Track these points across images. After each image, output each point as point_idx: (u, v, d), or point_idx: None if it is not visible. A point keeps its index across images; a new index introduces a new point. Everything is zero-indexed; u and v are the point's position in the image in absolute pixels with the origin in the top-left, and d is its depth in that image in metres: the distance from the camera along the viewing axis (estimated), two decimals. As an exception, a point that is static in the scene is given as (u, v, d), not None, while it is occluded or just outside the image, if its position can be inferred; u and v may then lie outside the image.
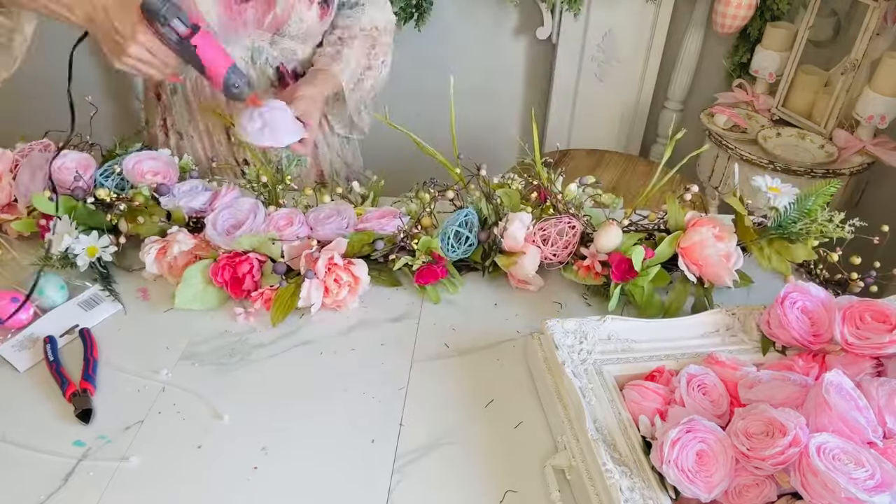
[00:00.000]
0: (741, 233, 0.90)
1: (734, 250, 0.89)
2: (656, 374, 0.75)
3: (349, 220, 0.98)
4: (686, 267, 0.88)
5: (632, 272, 0.87)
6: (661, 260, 0.90)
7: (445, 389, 0.80)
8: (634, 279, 0.88)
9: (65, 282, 0.91)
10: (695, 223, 0.90)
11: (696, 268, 0.88)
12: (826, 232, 0.86)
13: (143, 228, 0.95)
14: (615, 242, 0.90)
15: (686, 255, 0.89)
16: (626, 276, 0.87)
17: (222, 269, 0.88)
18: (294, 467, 0.70)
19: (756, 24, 1.94)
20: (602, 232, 0.90)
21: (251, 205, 0.97)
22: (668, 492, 0.62)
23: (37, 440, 0.72)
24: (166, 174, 1.02)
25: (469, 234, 0.94)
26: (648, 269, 0.88)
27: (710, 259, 0.86)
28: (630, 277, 0.87)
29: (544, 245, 0.92)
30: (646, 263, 0.88)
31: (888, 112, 1.64)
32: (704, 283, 0.89)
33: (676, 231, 0.90)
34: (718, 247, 0.87)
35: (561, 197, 0.96)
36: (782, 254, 0.88)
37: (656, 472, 0.63)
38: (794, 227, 0.86)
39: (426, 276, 0.92)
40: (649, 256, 0.88)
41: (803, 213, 0.86)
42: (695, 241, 0.88)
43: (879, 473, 0.57)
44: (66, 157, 1.00)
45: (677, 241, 0.89)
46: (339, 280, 0.88)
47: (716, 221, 0.90)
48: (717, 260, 0.86)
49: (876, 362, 0.74)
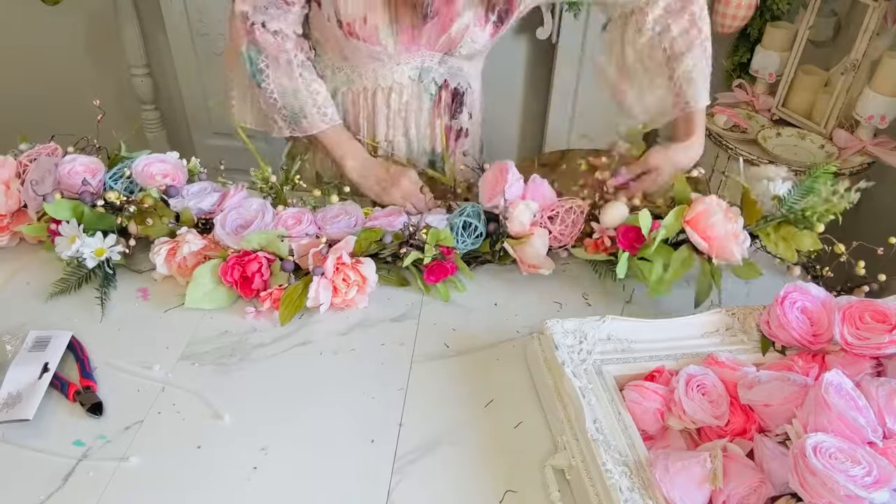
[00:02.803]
0: (748, 213, 0.90)
1: (741, 231, 0.88)
2: (656, 374, 0.75)
3: (357, 218, 0.98)
4: (695, 240, 0.87)
5: (640, 239, 0.87)
6: (669, 233, 0.89)
7: (445, 389, 0.80)
8: (642, 249, 0.87)
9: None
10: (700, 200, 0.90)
11: (704, 243, 0.88)
12: (832, 207, 0.86)
13: (152, 230, 0.95)
14: (621, 215, 0.90)
15: (693, 228, 0.88)
16: (634, 244, 0.87)
17: (231, 268, 0.89)
18: (294, 467, 0.70)
19: (756, 24, 1.94)
20: (607, 208, 0.91)
21: (259, 205, 0.98)
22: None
23: (37, 440, 0.72)
24: (175, 176, 1.02)
25: (478, 223, 0.94)
26: (656, 239, 0.87)
27: (717, 229, 0.86)
28: (638, 245, 0.87)
29: (552, 223, 0.92)
30: (653, 234, 0.87)
31: (888, 112, 1.64)
32: (713, 261, 0.88)
33: (682, 205, 0.90)
34: (727, 226, 0.86)
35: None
36: (788, 240, 0.88)
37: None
38: (798, 205, 0.86)
39: (436, 272, 0.91)
40: (656, 227, 0.88)
41: (807, 192, 0.86)
42: (700, 211, 0.87)
43: (876, 470, 0.57)
44: (76, 161, 1.00)
45: (683, 213, 0.89)
46: (347, 279, 0.88)
47: (721, 200, 0.89)
48: (725, 232, 0.85)
49: (876, 362, 0.74)
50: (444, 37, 1.04)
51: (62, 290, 0.91)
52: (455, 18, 1.01)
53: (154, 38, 2.37)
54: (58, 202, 0.94)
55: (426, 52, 1.06)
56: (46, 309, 0.90)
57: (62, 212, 0.93)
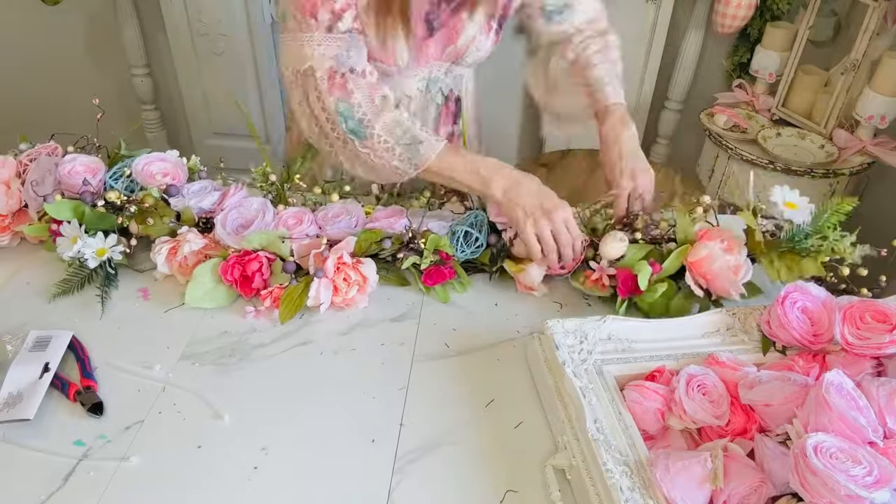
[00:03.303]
0: (752, 246, 0.90)
1: (744, 262, 0.88)
2: (656, 374, 0.75)
3: (358, 218, 0.98)
4: (693, 281, 0.88)
5: (637, 290, 0.87)
6: (668, 274, 0.89)
7: (446, 389, 0.80)
8: (641, 295, 0.88)
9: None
10: (704, 235, 0.89)
11: (703, 281, 0.88)
12: (837, 251, 0.86)
13: (153, 229, 0.95)
14: (620, 251, 0.90)
15: (694, 269, 0.88)
16: (633, 292, 0.87)
17: (232, 267, 0.89)
18: (294, 467, 0.70)
19: (756, 24, 1.95)
20: (607, 240, 0.90)
21: (260, 204, 0.98)
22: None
23: (37, 440, 0.72)
24: (175, 175, 1.02)
25: (479, 234, 0.94)
26: (655, 285, 0.87)
27: (718, 273, 0.86)
28: (636, 294, 0.88)
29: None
30: (653, 279, 0.87)
31: (888, 112, 1.65)
32: (712, 296, 0.89)
33: (684, 245, 0.90)
34: (728, 259, 0.86)
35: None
36: (792, 269, 0.88)
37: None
38: (805, 242, 0.86)
39: (434, 276, 0.92)
40: (656, 272, 0.87)
41: (816, 231, 0.86)
42: (703, 256, 0.87)
43: (877, 470, 0.57)
44: (76, 161, 1.00)
45: (685, 254, 0.89)
46: (347, 279, 0.89)
47: (725, 233, 0.89)
48: (725, 274, 0.86)
49: (876, 362, 0.74)
50: (450, 48, 1.04)
51: (64, 290, 0.91)
52: (461, 30, 1.02)
53: (154, 38, 2.37)
54: (59, 202, 0.94)
55: (434, 62, 1.07)
56: (47, 309, 0.90)
57: (63, 212, 0.94)
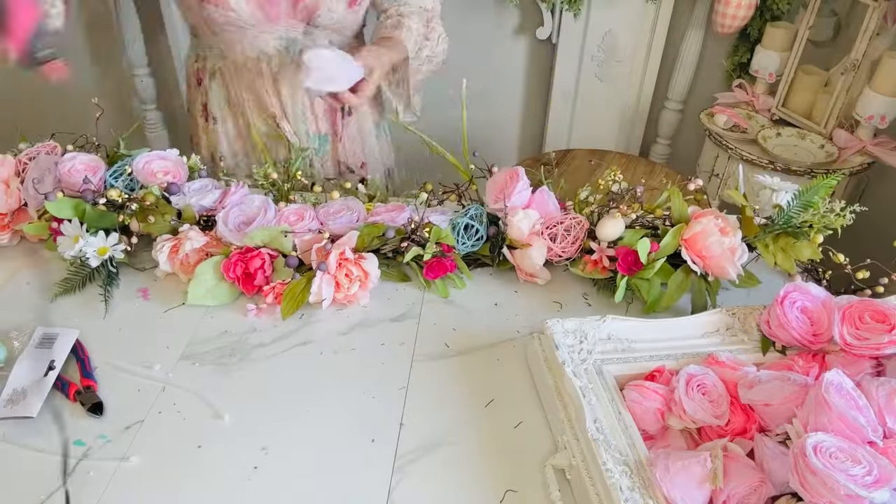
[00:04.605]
0: (745, 227, 0.90)
1: (739, 245, 0.88)
2: (656, 374, 0.75)
3: (359, 214, 0.99)
4: (690, 259, 0.88)
5: (638, 264, 0.87)
6: (667, 252, 0.89)
7: (445, 389, 0.80)
8: (641, 271, 0.88)
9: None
10: (698, 215, 0.90)
11: (700, 260, 0.88)
12: (828, 223, 0.86)
13: (154, 227, 0.95)
14: (617, 231, 0.90)
15: (689, 247, 0.88)
16: (633, 268, 0.88)
17: (234, 264, 0.89)
18: (294, 467, 0.71)
19: (756, 24, 1.95)
20: (604, 221, 0.91)
21: (261, 201, 0.98)
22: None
23: (37, 440, 0.72)
24: (176, 173, 1.02)
25: (479, 226, 0.95)
26: (654, 262, 0.88)
27: (714, 249, 0.86)
28: (636, 269, 0.88)
29: (553, 242, 0.93)
30: (651, 256, 0.88)
31: (888, 112, 1.64)
32: (709, 278, 0.89)
33: (680, 224, 0.90)
34: (723, 241, 0.87)
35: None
36: (787, 251, 0.88)
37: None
38: (797, 219, 0.86)
39: (436, 269, 0.92)
40: (654, 250, 0.88)
41: (806, 206, 0.86)
42: (697, 232, 0.87)
43: (877, 470, 0.57)
44: (76, 160, 1.00)
45: (681, 232, 0.89)
46: (349, 275, 0.89)
47: (719, 214, 0.90)
48: (721, 251, 0.86)
49: (876, 362, 0.74)
50: (300, 5, 1.09)
51: (66, 290, 0.91)
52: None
53: (154, 38, 2.37)
54: (60, 201, 0.94)
55: (289, 20, 1.10)
56: (47, 308, 0.90)
57: (64, 210, 0.94)
